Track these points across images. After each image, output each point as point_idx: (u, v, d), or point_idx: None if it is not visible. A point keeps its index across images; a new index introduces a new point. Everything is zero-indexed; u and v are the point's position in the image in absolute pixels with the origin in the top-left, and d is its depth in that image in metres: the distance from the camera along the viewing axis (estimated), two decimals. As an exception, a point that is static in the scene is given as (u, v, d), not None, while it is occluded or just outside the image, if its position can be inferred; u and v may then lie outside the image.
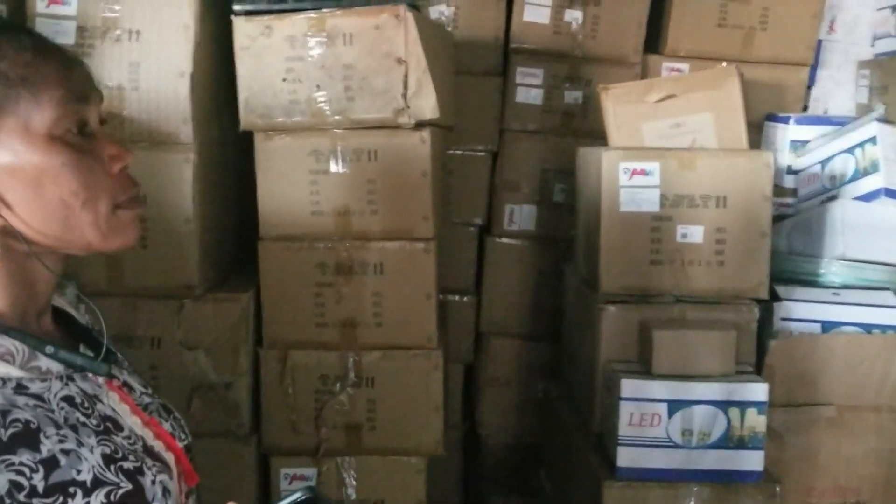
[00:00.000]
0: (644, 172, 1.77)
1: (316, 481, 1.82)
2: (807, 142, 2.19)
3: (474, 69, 2.43)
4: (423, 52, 1.76)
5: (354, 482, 1.83)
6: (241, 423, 1.82)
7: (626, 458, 1.63)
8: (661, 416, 1.62)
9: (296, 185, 1.78)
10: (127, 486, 0.72)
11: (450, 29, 2.37)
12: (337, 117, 1.78)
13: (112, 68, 1.68)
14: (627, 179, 1.78)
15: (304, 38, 1.73)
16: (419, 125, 1.78)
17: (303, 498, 0.71)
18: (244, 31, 1.73)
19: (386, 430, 1.83)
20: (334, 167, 1.81)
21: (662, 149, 1.86)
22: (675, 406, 1.62)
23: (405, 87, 1.77)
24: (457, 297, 2.48)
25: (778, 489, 1.65)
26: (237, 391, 1.81)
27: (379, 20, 1.71)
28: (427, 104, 1.77)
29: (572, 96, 2.42)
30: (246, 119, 1.77)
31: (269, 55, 1.73)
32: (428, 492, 1.86)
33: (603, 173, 1.79)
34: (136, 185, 0.81)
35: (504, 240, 2.48)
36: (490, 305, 2.48)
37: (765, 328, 1.84)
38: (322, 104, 1.78)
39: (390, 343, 1.83)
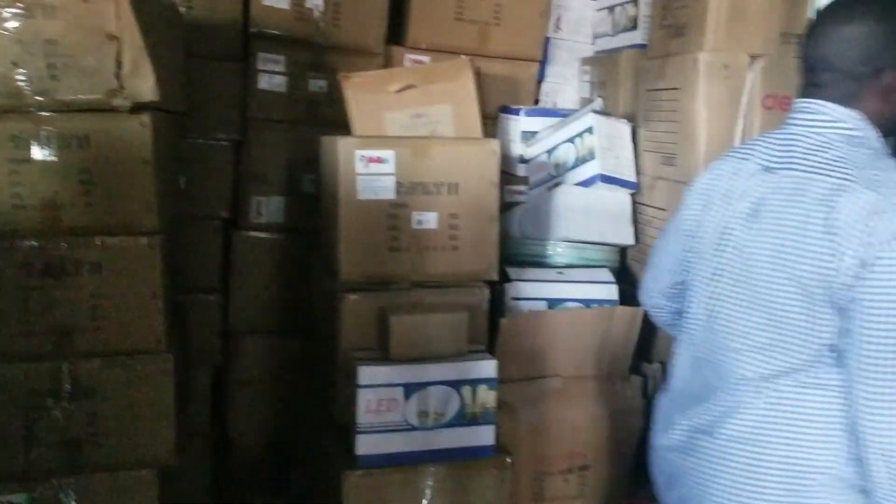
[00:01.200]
0: (380, 160, 1.77)
1: (27, 509, 1.61)
2: (536, 133, 2.34)
3: (213, 53, 2.30)
4: (138, 28, 1.62)
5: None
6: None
7: (365, 445, 1.62)
8: (399, 399, 1.63)
9: (-10, 174, 1.56)
10: None
11: (184, 9, 2.22)
12: (39, 98, 1.60)
13: None
14: (364, 167, 1.77)
15: (-4, 9, 1.52)
16: (138, 108, 1.64)
17: None
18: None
19: (111, 444, 1.67)
20: (38, 154, 1.62)
21: (397, 137, 1.88)
22: (411, 389, 1.64)
23: (118, 66, 1.62)
24: (201, 296, 2.34)
25: (509, 460, 1.73)
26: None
27: (85, -9, 1.55)
28: (145, 85, 1.64)
29: (317, 85, 2.38)
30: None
31: (-51, 25, 1.50)
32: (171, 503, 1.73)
33: (339, 161, 1.77)
34: None
35: (252, 233, 2.37)
36: (238, 303, 2.37)
37: (498, 308, 1.92)
38: (21, 83, 1.59)
39: (113, 349, 1.67)
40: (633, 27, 2.34)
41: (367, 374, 1.62)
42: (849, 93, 1.16)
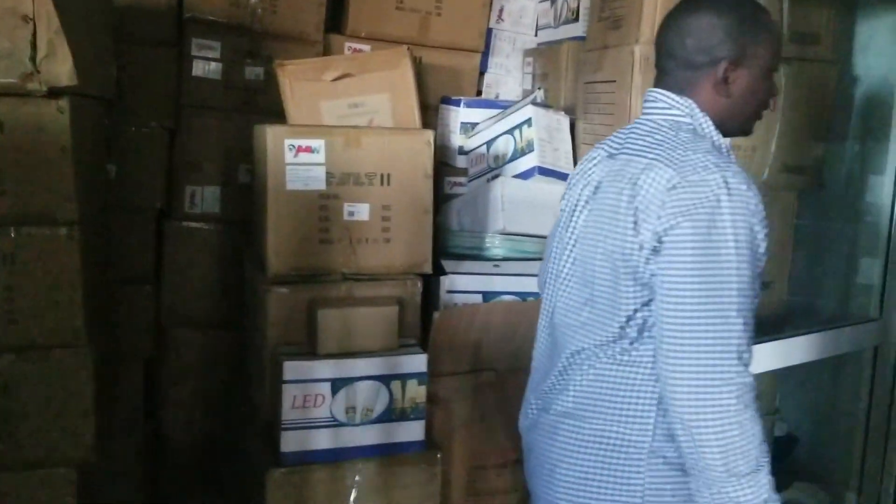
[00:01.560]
0: (310, 150, 1.73)
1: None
2: (476, 124, 2.31)
3: (146, 39, 2.24)
4: (55, 10, 1.55)
5: (-14, 505, 1.58)
6: None
7: (289, 442, 1.59)
8: (325, 395, 1.60)
9: None
10: None
11: (113, -8, 2.14)
12: (-51, 82, 1.52)
13: None
14: (293, 157, 1.72)
15: None
16: (55, 93, 1.57)
17: None
18: None
19: (25, 442, 1.60)
20: (-54, 140, 1.54)
21: (328, 126, 1.84)
22: (338, 384, 1.61)
23: (33, 49, 1.55)
24: (134, 287, 2.28)
25: (439, 456, 1.71)
26: None
27: (-7, -30, 1.48)
28: (62, 69, 1.57)
29: (253, 72, 2.32)
30: None
31: None
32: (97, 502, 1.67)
33: (268, 150, 1.73)
34: None
35: (186, 224, 2.31)
36: (172, 295, 2.31)
37: (433, 302, 1.90)
38: (-71, 66, 1.50)
39: (28, 343, 1.61)
40: (575, 19, 2.32)
41: (292, 369, 1.58)
42: (686, 81, 1.19)
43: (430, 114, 2.42)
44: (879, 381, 2.07)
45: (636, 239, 1.09)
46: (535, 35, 2.60)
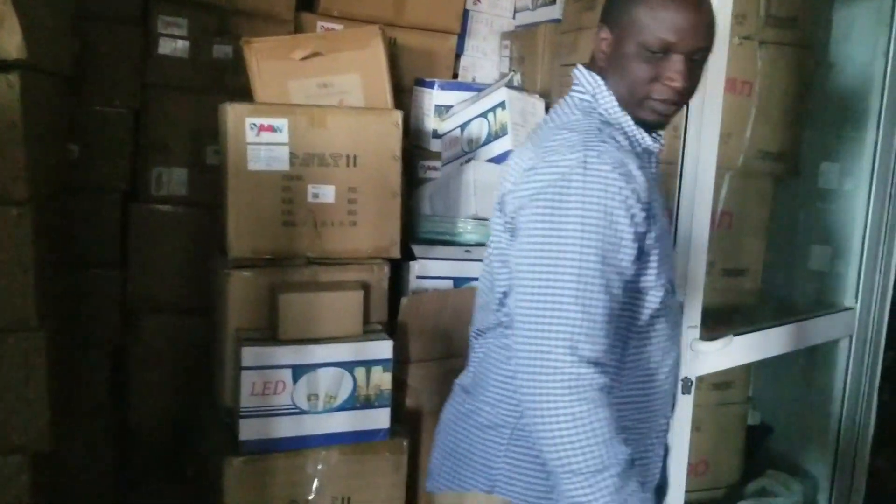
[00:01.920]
0: (272, 129, 1.68)
1: None
2: (450, 107, 2.26)
3: (111, 15, 2.17)
4: (3, -20, 1.49)
5: (-68, 495, 1.53)
6: None
7: (248, 430, 1.54)
8: (286, 382, 1.56)
9: None
10: None
11: (75, -34, 2.07)
12: None
13: None
14: (255, 136, 1.67)
15: None
16: (4, 67, 1.51)
17: None
18: None
19: (-25, 428, 1.55)
20: None
21: (292, 105, 1.79)
22: (299, 371, 1.56)
23: (-20, 20, 1.49)
24: (99, 271, 2.22)
25: (405, 443, 1.68)
26: None
27: (-68, -65, 1.41)
28: (11, 42, 1.51)
29: (222, 51, 2.26)
30: None
31: None
32: (63, 489, 1.62)
33: (229, 129, 1.68)
34: None
35: (152, 206, 2.25)
36: (139, 279, 2.25)
37: (402, 287, 1.86)
38: None
39: (-23, 326, 1.55)
40: (552, 1, 2.28)
41: (252, 354, 1.53)
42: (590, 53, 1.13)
43: (405, 96, 2.37)
44: (853, 369, 2.05)
45: (500, 221, 1.08)
46: (514, 18, 2.55)
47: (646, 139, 1.09)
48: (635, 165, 1.02)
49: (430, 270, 1.89)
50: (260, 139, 1.67)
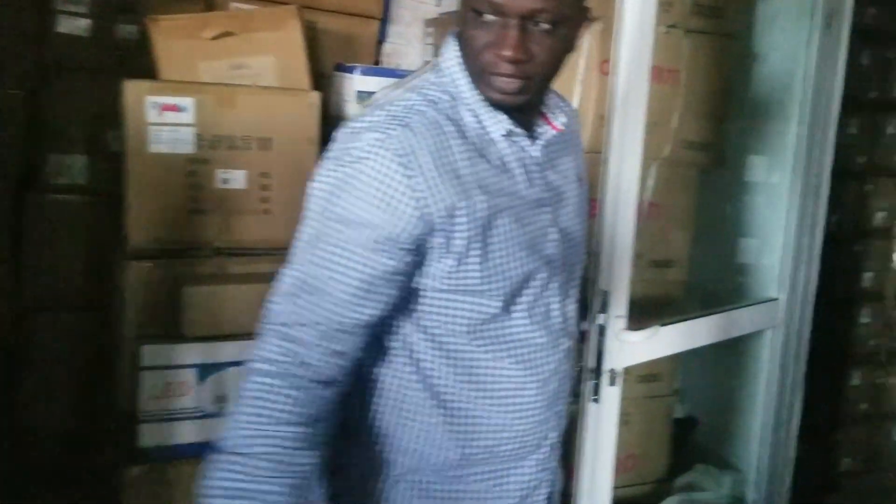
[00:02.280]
0: (177, 108, 1.56)
1: None
2: (373, 93, 2.17)
3: (1, -12, 2.00)
4: None
5: None
6: None
7: (149, 436, 1.42)
8: (191, 383, 1.44)
9: None
10: None
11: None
12: None
13: None
14: (157, 116, 1.55)
15: None
16: None
17: None
18: None
19: None
20: None
21: (198, 83, 1.66)
22: (206, 371, 1.44)
23: None
24: (-12, 267, 2.04)
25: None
26: None
27: None
28: None
29: (127, 30, 2.12)
30: None
31: None
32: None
33: (128, 108, 1.55)
34: None
35: (49, 196, 2.10)
36: (33, 275, 2.10)
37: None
38: None
39: None
40: (478, -14, 2.21)
41: (152, 353, 1.41)
42: None
43: (325, 82, 2.26)
44: (779, 360, 2.06)
45: None
46: (438, 4, 2.47)
47: (488, 124, 0.96)
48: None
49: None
50: (162, 119, 1.54)
